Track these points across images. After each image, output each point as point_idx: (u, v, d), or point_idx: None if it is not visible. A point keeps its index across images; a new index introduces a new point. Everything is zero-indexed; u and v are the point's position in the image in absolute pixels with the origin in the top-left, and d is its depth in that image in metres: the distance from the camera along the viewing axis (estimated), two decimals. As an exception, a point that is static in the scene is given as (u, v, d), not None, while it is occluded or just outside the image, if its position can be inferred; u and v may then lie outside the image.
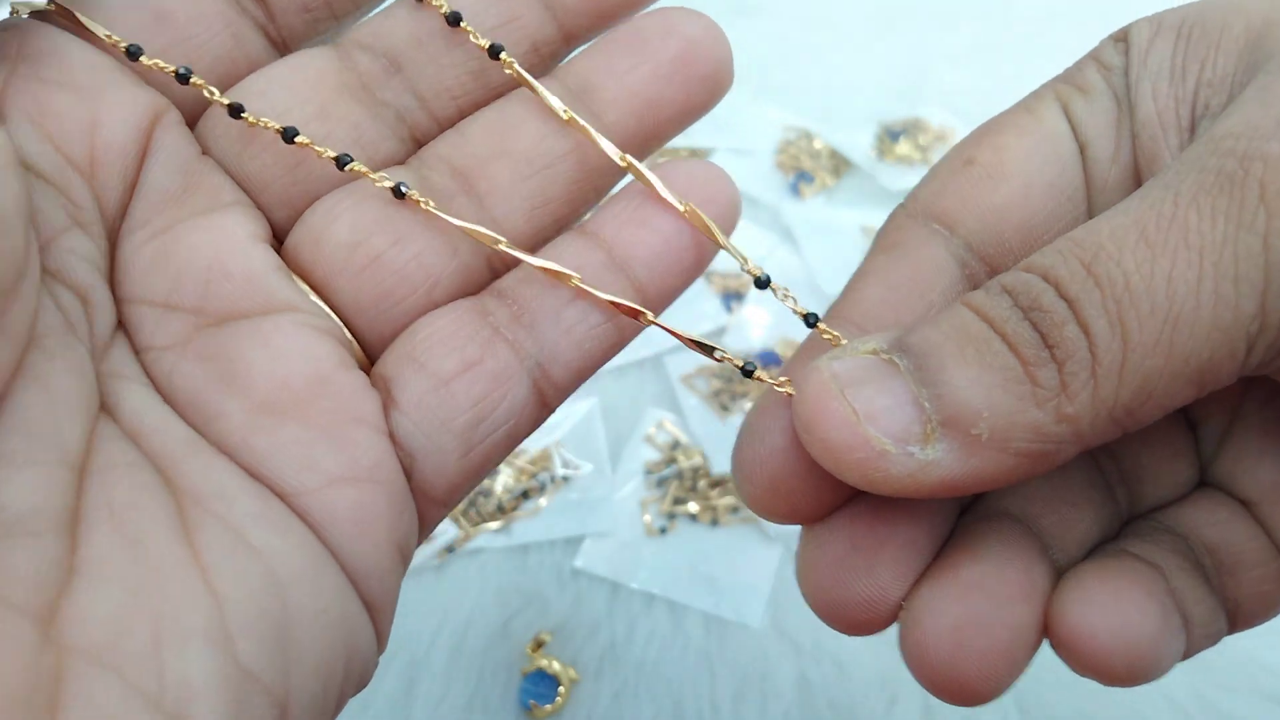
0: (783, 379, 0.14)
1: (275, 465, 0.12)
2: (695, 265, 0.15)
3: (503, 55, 0.15)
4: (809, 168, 0.43)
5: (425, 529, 0.14)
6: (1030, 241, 0.14)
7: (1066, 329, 0.11)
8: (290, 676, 0.11)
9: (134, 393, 0.13)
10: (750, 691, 0.27)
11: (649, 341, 0.35)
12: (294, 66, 0.15)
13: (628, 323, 0.15)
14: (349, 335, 0.14)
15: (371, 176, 0.14)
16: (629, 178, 0.15)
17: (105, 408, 0.12)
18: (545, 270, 0.14)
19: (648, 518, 0.31)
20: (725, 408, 0.33)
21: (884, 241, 0.16)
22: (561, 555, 0.30)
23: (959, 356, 0.12)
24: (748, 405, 0.33)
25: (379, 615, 0.14)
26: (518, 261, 0.15)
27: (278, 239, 0.15)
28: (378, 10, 0.15)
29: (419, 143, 0.15)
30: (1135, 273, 0.11)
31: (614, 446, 0.32)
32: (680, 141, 0.44)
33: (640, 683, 0.27)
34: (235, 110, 0.14)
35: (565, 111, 0.14)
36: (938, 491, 0.12)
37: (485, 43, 0.15)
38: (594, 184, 0.15)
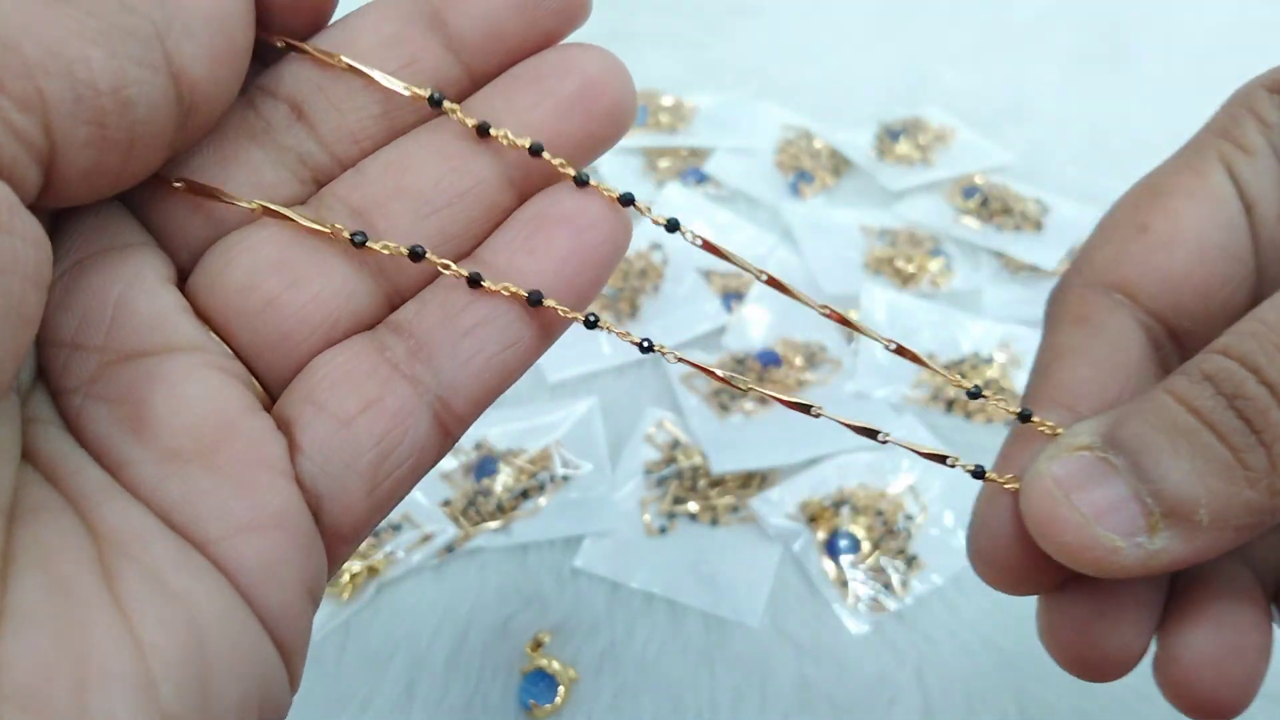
0: (1009, 477, 0.15)
1: (186, 513, 0.13)
2: (590, 286, 0.15)
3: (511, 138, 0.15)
4: (809, 167, 0.43)
5: (334, 566, 0.14)
6: (1207, 305, 0.15)
7: (1271, 414, 0.12)
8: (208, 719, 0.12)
9: (51, 435, 0.13)
10: (750, 691, 0.27)
11: (653, 333, 0.35)
12: None
13: (528, 350, 0.15)
14: (253, 378, 0.14)
15: (287, 213, 0.14)
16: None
17: (26, 452, 0.12)
18: (485, 289, 0.14)
19: (647, 517, 0.31)
20: (725, 407, 0.33)
21: (1071, 314, 0.16)
22: (561, 555, 0.30)
23: (1172, 451, 0.13)
24: (748, 405, 0.33)
25: (291, 657, 0.13)
26: (413, 295, 0.15)
27: (182, 280, 0.15)
28: (285, 57, 0.15)
29: (321, 185, 0.15)
30: None
31: (614, 446, 0.32)
32: (680, 141, 0.43)
33: (640, 682, 0.27)
34: None
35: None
36: (1167, 570, 0.13)
37: (525, 142, 0.15)
38: (496, 220, 0.15)
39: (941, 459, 0.16)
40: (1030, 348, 0.35)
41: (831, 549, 0.29)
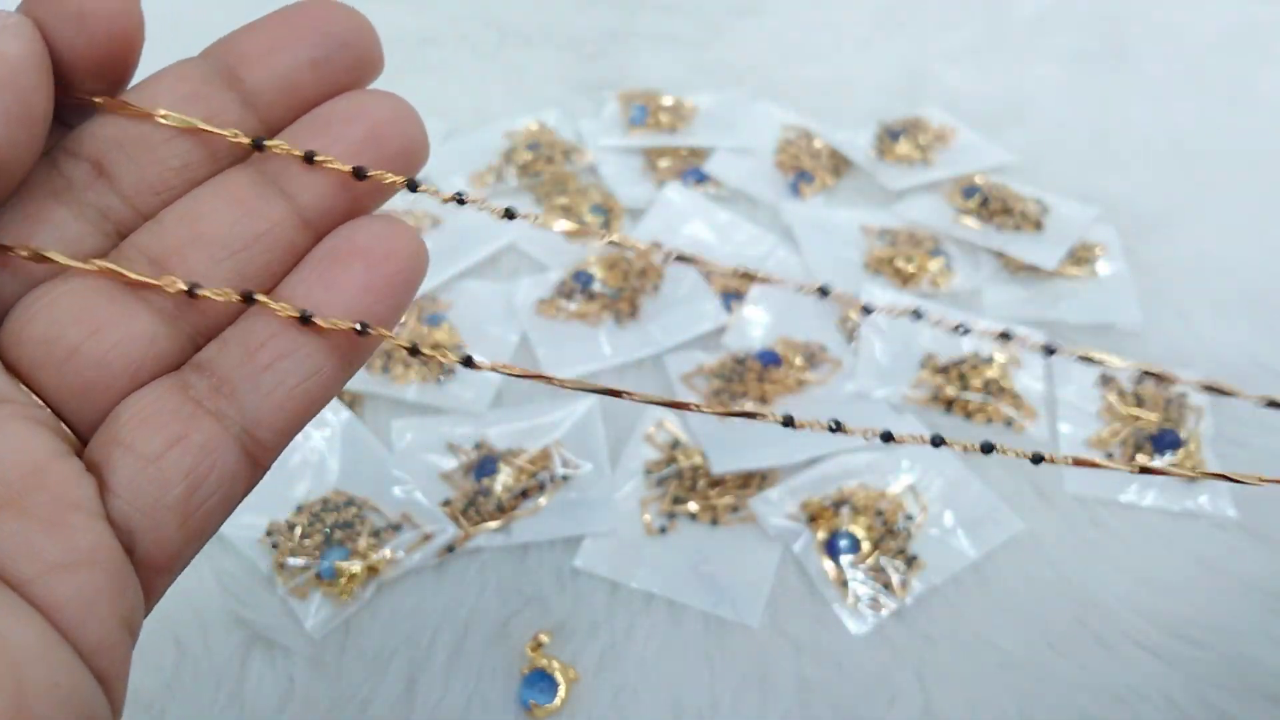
0: None
1: (11, 562, 0.13)
2: (390, 313, 0.16)
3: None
4: (809, 167, 0.43)
5: (153, 597, 0.15)
6: None
7: None
8: None
9: None
10: (749, 691, 0.27)
11: (649, 341, 0.35)
12: None
13: (330, 379, 0.16)
14: (62, 425, 0.15)
15: (83, 265, 0.15)
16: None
17: None
18: (284, 315, 0.15)
19: (647, 517, 0.31)
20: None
21: None
22: (561, 555, 0.30)
23: None
24: (748, 405, 0.33)
25: (112, 686, 0.14)
26: (214, 334, 0.16)
27: None
28: (87, 118, 0.16)
29: (123, 236, 0.16)
30: None
31: (614, 446, 0.32)
32: (681, 141, 0.43)
33: (640, 682, 0.27)
34: None
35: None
36: None
37: (347, 167, 0.16)
38: (293, 261, 0.16)
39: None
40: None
41: (831, 549, 0.29)
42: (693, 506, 0.31)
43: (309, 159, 0.16)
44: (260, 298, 0.15)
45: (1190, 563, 0.29)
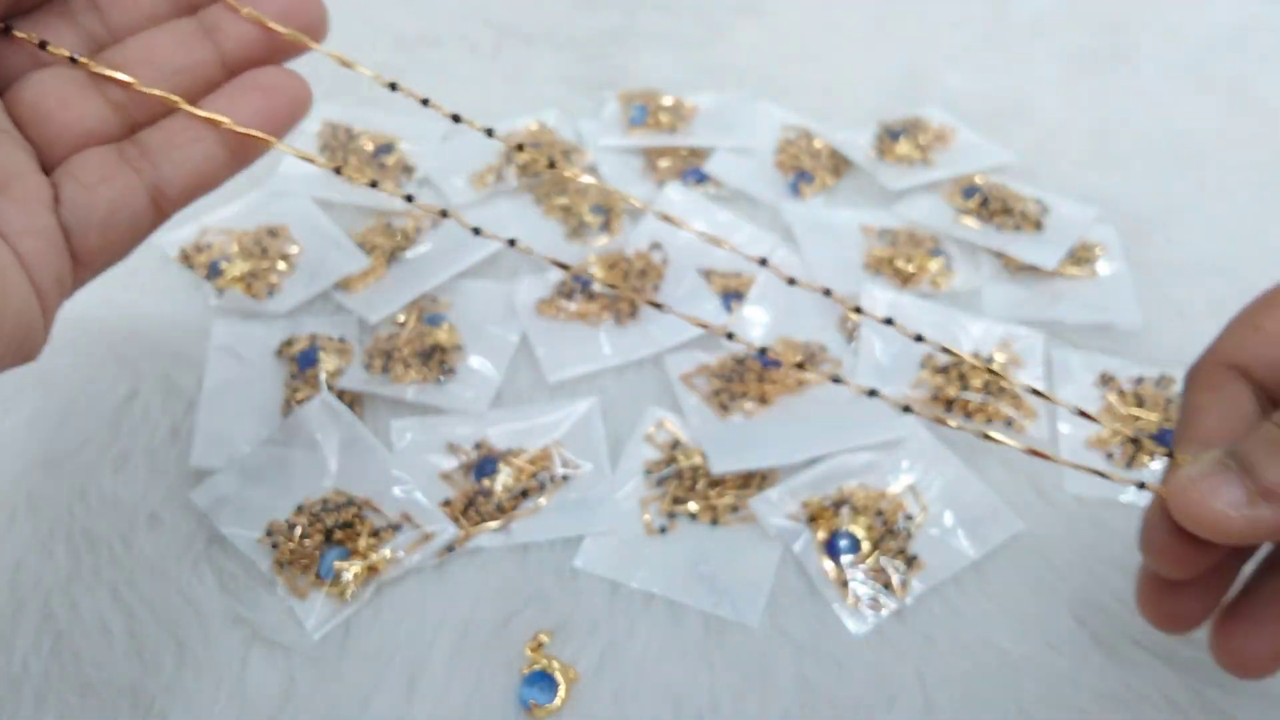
0: (1160, 486, 0.21)
1: (4, 223, 0.20)
2: (280, 129, 0.23)
3: None
4: (809, 167, 0.43)
5: (74, 286, 0.22)
6: None
7: None
8: None
9: None
10: (750, 691, 0.27)
11: (649, 341, 0.35)
12: None
13: (222, 164, 0.23)
14: (34, 154, 0.22)
15: (86, 61, 0.23)
16: None
17: None
18: (195, 116, 0.23)
19: (647, 517, 0.31)
20: (725, 407, 0.33)
21: (1204, 383, 0.23)
22: (561, 555, 0.30)
23: (1265, 455, 0.19)
24: (748, 405, 0.33)
25: (45, 306, 0.21)
26: (152, 123, 0.23)
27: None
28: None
29: (101, 48, 0.24)
30: None
31: (614, 446, 0.32)
32: (681, 141, 0.43)
33: (640, 682, 0.27)
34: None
35: None
36: (1268, 536, 0.19)
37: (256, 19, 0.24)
38: (210, 89, 0.23)
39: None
40: (1029, 348, 0.35)
41: (831, 549, 0.29)
42: (693, 506, 0.31)
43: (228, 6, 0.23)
44: (182, 104, 0.23)
45: (1190, 563, 0.29)
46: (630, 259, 0.38)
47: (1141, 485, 0.22)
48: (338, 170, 0.26)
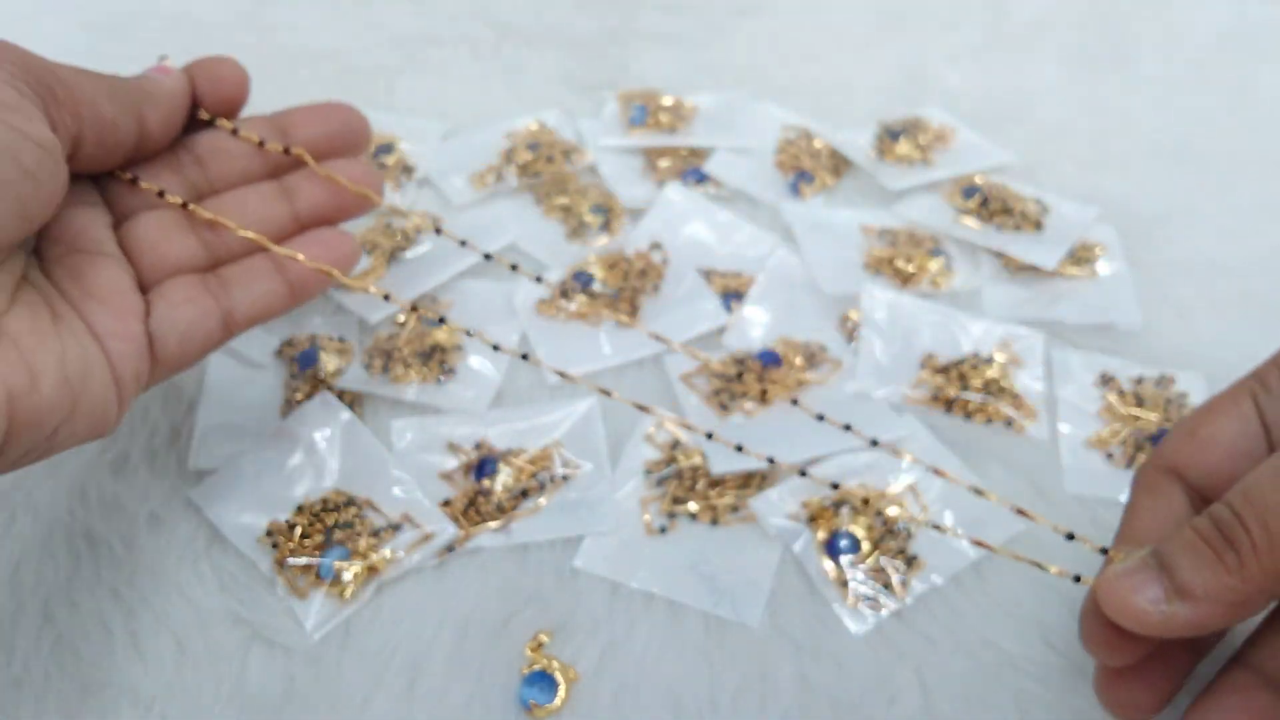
0: (1091, 579, 0.23)
1: (94, 321, 0.25)
2: (326, 282, 0.29)
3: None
4: (809, 167, 0.43)
5: (150, 382, 0.26)
6: (1230, 479, 0.22)
7: (1238, 532, 0.21)
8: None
9: (35, 275, 0.25)
10: (749, 691, 0.27)
11: (650, 340, 0.35)
12: None
13: (282, 298, 0.29)
14: (135, 276, 0.27)
15: (173, 199, 0.28)
16: None
17: (24, 275, 0.25)
18: (262, 245, 0.29)
19: (647, 517, 0.31)
20: (725, 407, 0.33)
21: (1145, 485, 0.25)
22: (561, 554, 0.30)
23: (1181, 556, 0.21)
24: (748, 405, 0.33)
25: (122, 400, 0.25)
26: (237, 258, 0.29)
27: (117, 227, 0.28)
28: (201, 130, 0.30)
29: (201, 198, 0.29)
30: (1273, 495, 0.20)
31: (614, 446, 0.32)
32: (681, 141, 0.43)
33: (640, 682, 0.27)
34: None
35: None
36: (1182, 631, 0.21)
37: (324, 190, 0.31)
38: (284, 239, 0.29)
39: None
40: (1029, 348, 0.35)
41: (831, 549, 0.29)
42: (693, 506, 0.31)
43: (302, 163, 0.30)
44: (266, 242, 0.28)
45: (1190, 563, 0.29)
46: (630, 259, 0.38)
47: (1077, 579, 0.24)
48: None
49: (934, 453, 0.32)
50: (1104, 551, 0.24)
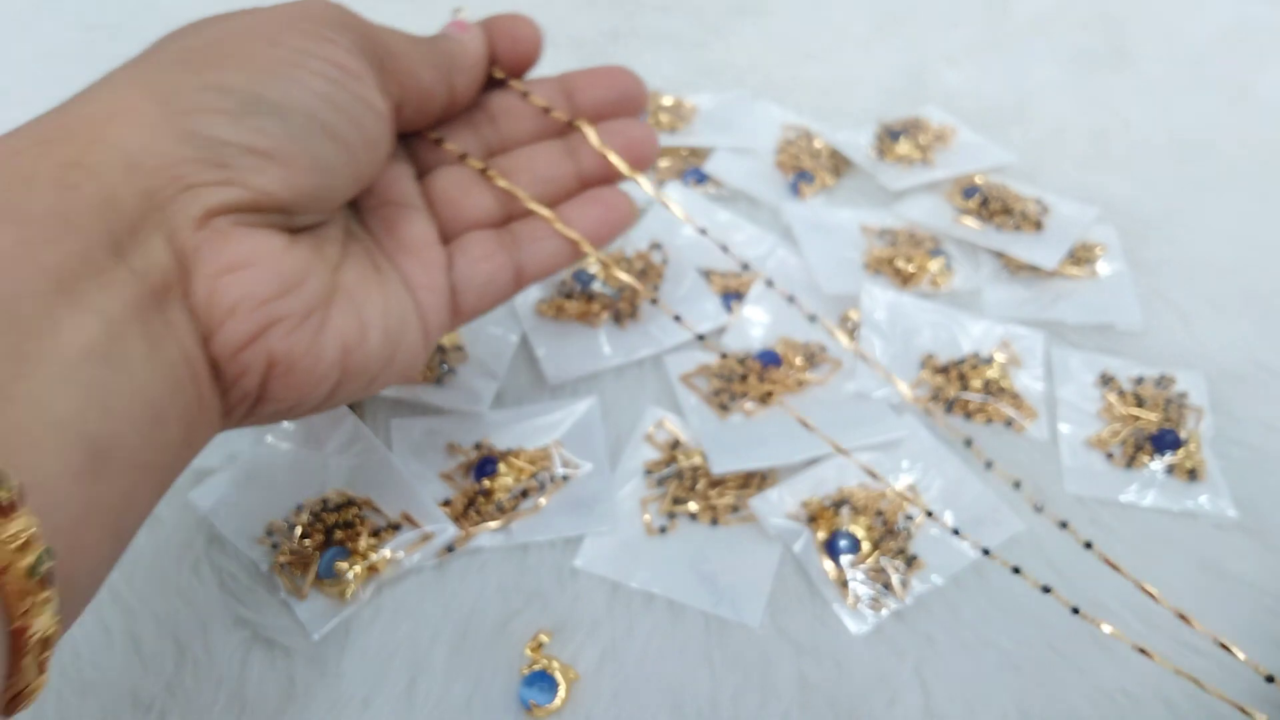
0: None
1: (408, 273, 0.26)
2: (609, 237, 0.30)
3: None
4: (809, 167, 0.43)
5: (450, 328, 0.28)
6: None
7: None
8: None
9: (356, 227, 0.27)
10: (749, 690, 0.27)
11: (650, 340, 0.35)
12: None
13: (567, 255, 0.29)
14: (436, 229, 0.28)
15: (475, 164, 0.30)
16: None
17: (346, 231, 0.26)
18: (547, 219, 0.29)
19: (647, 517, 0.31)
20: (725, 407, 0.33)
21: None
22: (561, 554, 0.30)
23: None
24: (748, 405, 0.33)
25: (429, 342, 0.27)
26: (526, 214, 0.30)
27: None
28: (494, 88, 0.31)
29: (492, 155, 0.30)
30: None
31: (614, 446, 0.32)
32: (681, 141, 0.43)
33: (640, 682, 0.27)
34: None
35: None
36: None
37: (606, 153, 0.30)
38: (566, 197, 0.30)
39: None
40: (1029, 347, 0.35)
41: (831, 549, 0.29)
42: (693, 506, 0.31)
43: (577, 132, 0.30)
44: (554, 220, 0.29)
45: (1190, 563, 0.29)
46: (630, 259, 0.38)
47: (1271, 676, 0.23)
48: None
49: (934, 453, 0.32)
50: (1270, 680, 0.24)
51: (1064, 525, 0.28)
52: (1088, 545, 0.24)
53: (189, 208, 0.20)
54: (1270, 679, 0.23)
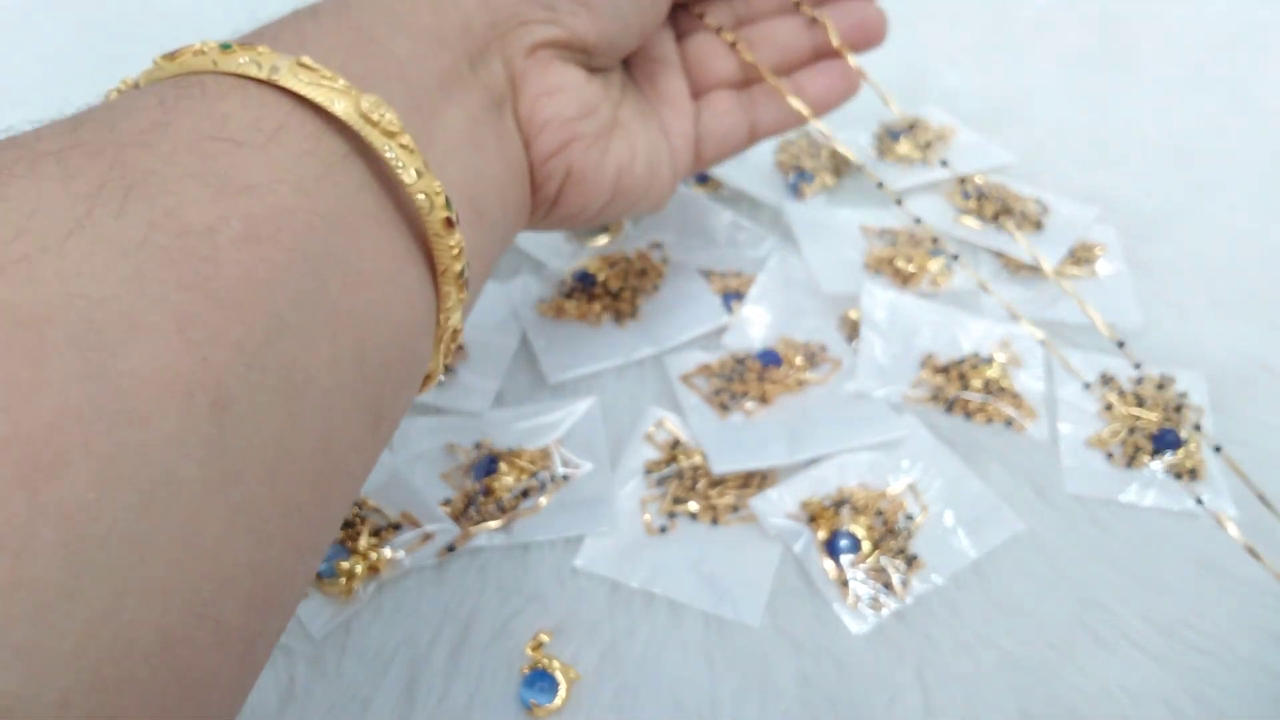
0: None
1: (665, 119, 0.31)
2: (839, 102, 0.34)
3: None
4: (809, 167, 0.43)
5: (690, 171, 0.32)
6: None
7: None
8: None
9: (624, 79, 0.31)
10: (750, 690, 0.27)
11: (650, 340, 0.36)
12: None
13: (794, 118, 0.33)
14: (689, 84, 0.33)
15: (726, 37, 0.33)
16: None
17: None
18: (772, 84, 0.33)
19: (648, 517, 0.31)
20: (725, 407, 0.33)
21: None
22: (562, 554, 0.30)
23: None
24: (748, 405, 0.33)
25: (675, 181, 0.31)
26: (761, 80, 0.33)
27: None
28: None
29: (741, 26, 0.34)
30: None
31: (614, 446, 0.32)
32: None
33: (640, 681, 0.27)
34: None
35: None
36: None
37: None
38: (805, 64, 0.34)
39: None
40: (1029, 347, 0.35)
41: (832, 549, 0.29)
42: (693, 506, 0.31)
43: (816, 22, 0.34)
44: (779, 85, 0.33)
45: (1190, 563, 0.29)
46: (630, 258, 0.38)
47: None
48: None
49: (934, 452, 0.32)
50: None
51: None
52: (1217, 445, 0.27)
53: (522, 39, 0.25)
54: None
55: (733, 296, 0.37)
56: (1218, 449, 0.21)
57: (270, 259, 0.16)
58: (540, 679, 0.26)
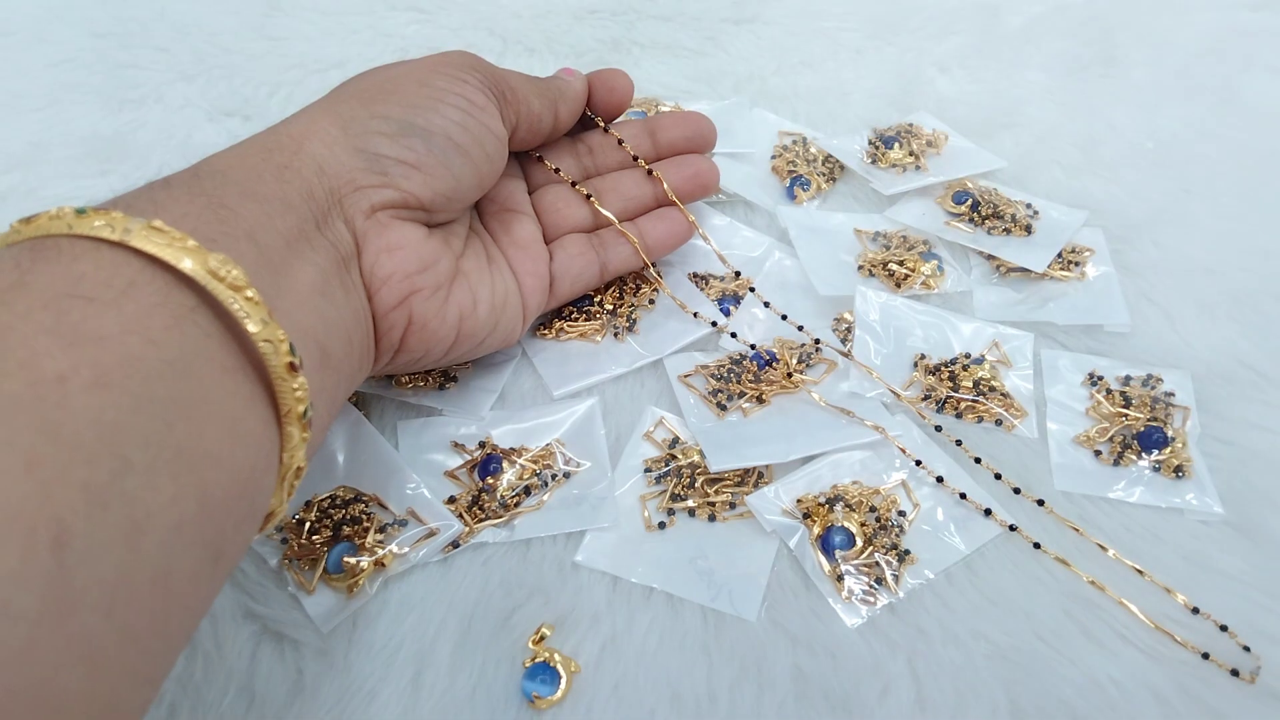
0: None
1: (515, 262, 0.33)
2: (670, 249, 0.37)
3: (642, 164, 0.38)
4: (805, 172, 0.43)
5: (546, 308, 0.35)
6: None
7: None
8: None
9: (477, 227, 0.34)
10: (746, 682, 0.27)
11: (649, 348, 0.36)
12: None
13: (630, 263, 0.36)
14: (543, 230, 0.35)
15: (582, 191, 0.36)
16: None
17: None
18: (619, 231, 0.36)
19: (647, 513, 0.31)
20: (723, 407, 0.34)
21: None
22: (563, 550, 0.30)
23: None
24: (745, 404, 0.34)
25: (527, 318, 0.33)
26: (608, 224, 0.36)
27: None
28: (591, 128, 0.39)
29: (587, 177, 0.38)
30: None
31: (614, 444, 0.33)
32: (678, 148, 0.44)
33: (640, 674, 0.27)
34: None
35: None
36: None
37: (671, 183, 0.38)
38: (643, 212, 0.37)
39: None
40: (1019, 348, 0.36)
41: (826, 544, 0.30)
42: (691, 503, 0.31)
43: (649, 173, 0.38)
44: (617, 225, 0.36)
45: (1176, 558, 0.30)
46: (624, 277, 0.38)
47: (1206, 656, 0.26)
48: None
49: (925, 451, 0.33)
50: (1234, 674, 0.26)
51: (1040, 503, 0.30)
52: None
53: (359, 202, 0.27)
54: (1205, 656, 0.25)
55: (730, 301, 0.38)
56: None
57: (118, 403, 0.18)
58: (542, 671, 0.27)
